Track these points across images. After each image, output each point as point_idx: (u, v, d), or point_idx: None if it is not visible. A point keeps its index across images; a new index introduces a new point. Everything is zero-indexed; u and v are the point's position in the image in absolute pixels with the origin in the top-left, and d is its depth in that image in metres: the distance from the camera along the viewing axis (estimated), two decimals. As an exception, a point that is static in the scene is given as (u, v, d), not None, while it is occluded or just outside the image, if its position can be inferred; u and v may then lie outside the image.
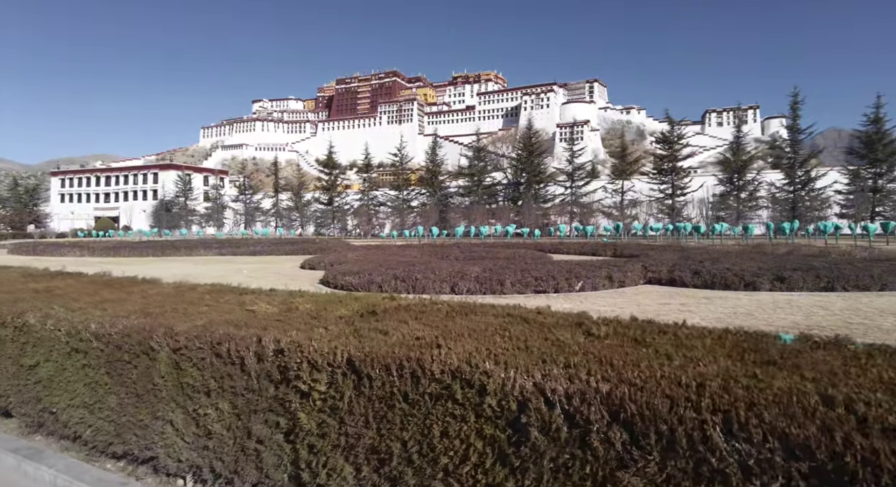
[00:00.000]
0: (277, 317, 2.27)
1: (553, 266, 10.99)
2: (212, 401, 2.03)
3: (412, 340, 1.70)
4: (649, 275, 10.51)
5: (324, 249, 23.39)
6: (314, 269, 14.84)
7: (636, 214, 48.95)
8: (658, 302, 8.07)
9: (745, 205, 44.73)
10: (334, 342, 1.78)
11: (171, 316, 2.47)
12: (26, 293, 3.41)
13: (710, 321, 6.13)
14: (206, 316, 2.40)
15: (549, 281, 9.42)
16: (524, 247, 20.16)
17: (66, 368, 2.59)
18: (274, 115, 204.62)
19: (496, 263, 12.29)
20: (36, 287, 3.67)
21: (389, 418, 1.53)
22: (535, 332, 1.75)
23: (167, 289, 3.44)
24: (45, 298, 3.16)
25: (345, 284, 10.14)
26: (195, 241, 30.34)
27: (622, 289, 9.75)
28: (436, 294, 9.31)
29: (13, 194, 67.35)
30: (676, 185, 47.85)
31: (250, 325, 2.14)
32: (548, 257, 16.25)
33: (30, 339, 2.76)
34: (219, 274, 10.91)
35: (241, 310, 2.52)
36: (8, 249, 26.43)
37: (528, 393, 1.27)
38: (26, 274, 4.62)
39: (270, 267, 15.97)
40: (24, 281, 3.98)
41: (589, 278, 9.69)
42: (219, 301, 2.85)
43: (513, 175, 55.86)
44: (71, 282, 3.90)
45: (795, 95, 42.45)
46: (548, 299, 8.54)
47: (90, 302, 2.98)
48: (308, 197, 63.77)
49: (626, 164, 50.82)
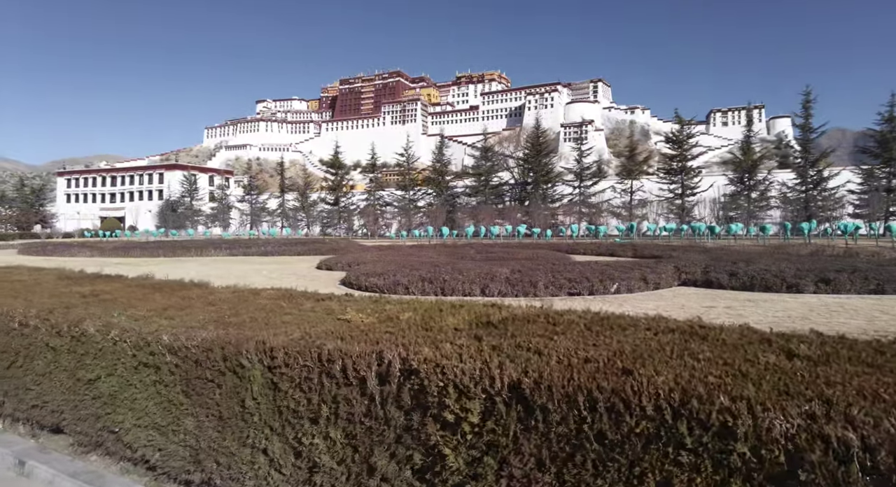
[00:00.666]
0: (386, 329, 1.99)
1: (583, 267, 10.68)
2: (320, 429, 1.75)
3: (580, 362, 1.42)
4: (683, 277, 10.21)
5: (336, 250, 23.13)
6: (332, 270, 14.58)
7: (645, 214, 48.54)
8: (701, 304, 7.78)
9: (755, 205, 44.25)
10: (477, 361, 1.50)
11: (252, 326, 2.20)
12: (74, 297, 3.15)
13: (768, 325, 5.83)
14: (296, 326, 2.12)
15: (583, 283, 9.12)
16: (540, 248, 19.84)
17: (132, 384, 2.32)
18: (278, 116, 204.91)
19: (522, 264, 11.99)
20: (80, 291, 3.40)
21: (577, 462, 1.25)
22: (730, 352, 1.46)
23: (225, 294, 3.17)
24: (98, 304, 2.90)
25: (369, 286, 9.87)
26: (204, 242, 30.14)
27: (658, 291, 9.45)
28: (464, 295, 9.03)
29: (20, 194, 67.40)
30: (686, 185, 47.42)
31: (356, 338, 1.86)
32: (568, 258, 15.94)
33: (89, 351, 2.49)
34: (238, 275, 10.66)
35: (333, 319, 2.24)
36: (17, 249, 26.26)
37: (803, 440, 0.98)
38: (63, 276, 4.36)
39: (286, 267, 15.72)
40: (66, 285, 3.71)
41: (623, 280, 9.40)
42: (300, 308, 2.57)
43: (520, 175, 55.53)
44: (116, 286, 3.63)
45: (807, 94, 41.97)
46: (584, 301, 8.24)
47: (151, 309, 2.71)
48: (314, 197, 63.59)
49: (635, 164, 50.38)
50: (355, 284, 10.45)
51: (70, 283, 3.79)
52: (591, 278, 9.32)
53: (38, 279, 4.08)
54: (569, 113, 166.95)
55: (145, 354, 2.25)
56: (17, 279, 4.04)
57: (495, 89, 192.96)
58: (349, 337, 1.88)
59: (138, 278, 4.01)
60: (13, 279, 4.05)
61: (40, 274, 4.55)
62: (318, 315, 2.36)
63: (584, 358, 1.46)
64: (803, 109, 42.36)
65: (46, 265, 11.63)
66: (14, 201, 67.78)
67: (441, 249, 19.86)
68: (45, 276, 4.31)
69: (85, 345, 2.50)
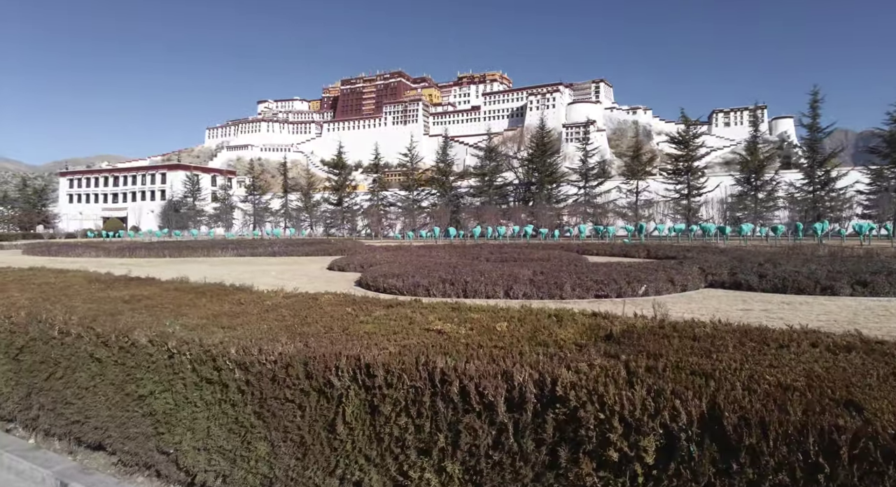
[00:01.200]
0: (493, 343, 1.73)
1: (608, 268, 10.42)
2: (432, 462, 1.49)
3: (778, 390, 1.16)
4: (710, 278, 9.95)
5: (344, 250, 22.88)
6: (344, 271, 14.33)
7: (651, 215, 48.30)
8: (736, 307, 7.52)
9: (762, 206, 43.99)
10: (640, 388, 1.25)
11: (332, 337, 1.94)
12: (115, 303, 2.90)
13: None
14: (385, 338, 1.87)
15: (610, 285, 8.86)
16: (551, 248, 19.54)
17: (191, 402, 2.07)
18: (279, 116, 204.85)
19: (542, 266, 11.74)
20: (118, 295, 3.15)
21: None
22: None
23: (278, 299, 2.92)
24: (144, 310, 2.65)
25: (387, 287, 9.62)
26: (209, 242, 29.93)
27: (686, 293, 9.19)
28: (487, 298, 8.77)
29: (22, 195, 67.21)
30: (692, 186, 47.18)
31: (466, 354, 1.61)
32: (583, 258, 15.68)
33: (140, 363, 2.24)
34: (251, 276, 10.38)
35: (420, 330, 1.99)
36: (22, 250, 26.03)
37: None
38: (92, 278, 4.10)
39: (295, 268, 15.47)
40: (101, 288, 3.46)
41: (651, 282, 9.14)
42: (371, 315, 2.31)
43: (524, 175, 55.28)
44: (154, 290, 3.38)
45: (815, 94, 41.74)
46: (614, 304, 7.99)
47: (203, 316, 2.45)
48: (317, 197, 63.40)
49: (641, 165, 50.15)
50: (372, 286, 10.22)
51: (103, 287, 3.53)
52: (618, 280, 9.07)
53: (67, 281, 3.81)
54: (571, 113, 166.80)
55: (209, 369, 2.00)
56: (44, 281, 3.79)
57: (497, 90, 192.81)
58: (456, 353, 1.63)
59: (174, 281, 3.76)
60: (39, 281, 3.79)
61: (67, 276, 4.29)
62: (400, 324, 2.11)
63: (777, 383, 1.21)
64: (811, 109, 42.11)
65: (55, 266, 11.40)
66: (16, 201, 67.60)
67: (451, 250, 19.61)
68: (72, 279, 4.05)
69: (136, 357, 2.25)
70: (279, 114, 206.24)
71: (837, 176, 40.53)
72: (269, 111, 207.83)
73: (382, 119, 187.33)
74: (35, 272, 4.70)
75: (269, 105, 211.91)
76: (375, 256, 16.57)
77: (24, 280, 3.96)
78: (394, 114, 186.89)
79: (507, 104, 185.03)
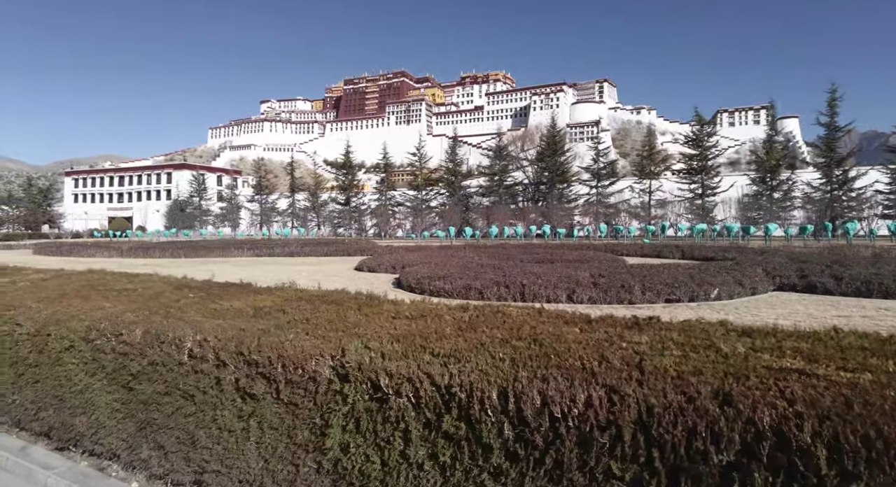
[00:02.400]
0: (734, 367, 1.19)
1: (671, 270, 9.86)
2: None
3: None
4: (777, 281, 9.40)
5: (362, 250, 22.36)
6: (375, 272, 13.81)
7: (665, 214, 47.74)
8: (830, 314, 6.96)
9: (778, 205, 43.38)
10: None
11: (569, 363, 1.39)
12: (244, 318, 2.34)
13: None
14: (627, 363, 1.33)
15: (681, 288, 8.31)
16: (578, 249, 18.97)
17: (419, 465, 1.47)
18: (282, 116, 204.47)
19: (591, 267, 11.18)
20: (236, 306, 2.60)
21: None
22: None
23: (405, 308, 2.37)
24: (290, 327, 2.11)
25: (434, 290, 9.07)
26: (222, 242, 29.40)
27: (758, 297, 8.65)
28: (547, 302, 8.20)
29: (27, 194, 66.74)
30: (706, 185, 46.61)
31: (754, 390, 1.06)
32: (622, 260, 15.14)
33: (324, 403, 1.67)
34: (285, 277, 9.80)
35: (656, 353, 1.44)
36: (32, 250, 25.52)
37: None
38: (181, 285, 3.55)
39: (323, 269, 14.92)
40: (203, 298, 2.90)
41: (723, 284, 8.59)
42: (591, 333, 1.77)
43: (535, 174, 54.73)
44: (274, 299, 2.83)
45: (833, 91, 41.15)
46: (691, 310, 7.43)
47: (378, 334, 1.90)
48: (325, 197, 62.93)
49: (654, 163, 49.58)
50: (416, 288, 9.70)
51: (203, 295, 2.97)
52: (687, 283, 8.51)
53: (152, 288, 3.27)
54: (574, 113, 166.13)
55: (452, 420, 1.43)
56: (124, 288, 3.25)
57: (500, 89, 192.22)
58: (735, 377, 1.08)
59: (281, 288, 3.21)
60: (119, 288, 3.26)
61: (145, 281, 3.74)
62: (594, 333, 1.55)
63: None
64: (828, 108, 41.51)
65: (79, 266, 10.86)
66: (21, 201, 67.15)
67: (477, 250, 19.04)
68: (155, 285, 3.50)
69: (316, 396, 1.70)
70: (282, 114, 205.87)
71: (857, 175, 39.93)
72: (272, 111, 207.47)
73: (385, 119, 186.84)
74: (102, 276, 4.15)
75: (272, 105, 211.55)
76: (403, 257, 16.03)
77: (96, 285, 3.42)
78: (397, 114, 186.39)
79: (511, 104, 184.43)
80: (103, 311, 2.51)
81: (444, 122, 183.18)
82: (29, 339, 2.40)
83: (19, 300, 2.95)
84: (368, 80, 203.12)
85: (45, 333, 2.34)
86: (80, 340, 2.20)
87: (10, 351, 2.50)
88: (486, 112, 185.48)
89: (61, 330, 2.25)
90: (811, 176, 42.54)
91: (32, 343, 2.38)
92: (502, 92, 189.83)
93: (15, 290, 3.53)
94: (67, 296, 2.88)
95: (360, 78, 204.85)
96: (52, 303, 2.69)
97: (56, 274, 4.46)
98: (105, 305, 2.64)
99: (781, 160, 44.15)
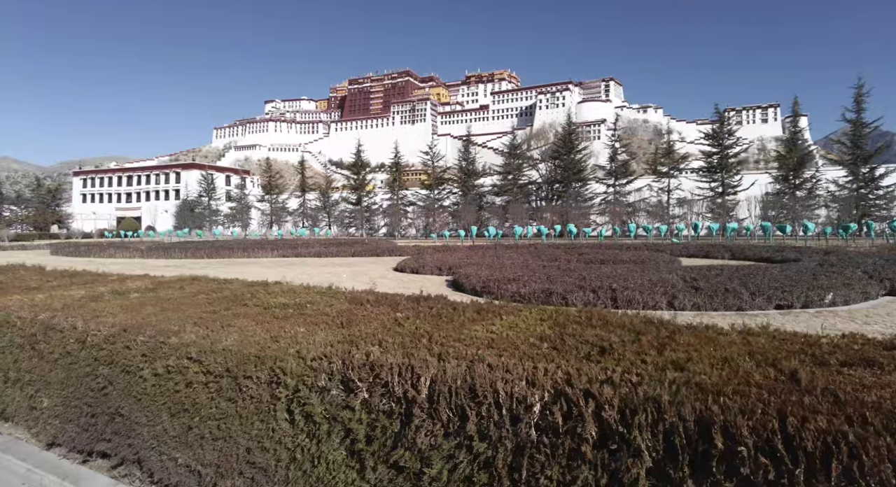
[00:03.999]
0: None
1: (762, 273, 9.06)
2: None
3: None
4: (888, 284, 8.59)
5: (389, 250, 21.69)
6: (418, 273, 13.07)
7: (684, 214, 46.95)
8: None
9: (801, 204, 42.51)
10: None
11: None
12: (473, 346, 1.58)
13: None
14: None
15: (792, 292, 7.51)
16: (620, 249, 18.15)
17: None
18: (286, 116, 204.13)
19: (659, 267, 10.42)
20: (508, 332, 1.83)
21: None
22: None
23: (534, 316, 1.62)
24: (488, 347, 1.36)
25: (507, 294, 8.29)
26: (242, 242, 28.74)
27: (872, 302, 7.86)
28: (644, 308, 7.40)
29: (36, 194, 66.32)
30: (727, 183, 45.78)
31: None
32: (677, 260, 14.35)
33: None
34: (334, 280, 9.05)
35: None
36: (50, 250, 24.88)
37: None
38: (356, 299, 2.77)
39: (359, 270, 14.17)
40: (439, 321, 2.07)
41: (834, 288, 7.80)
42: None
43: (549, 172, 53.93)
44: (373, 310, 2.06)
45: (860, 87, 40.31)
46: (814, 317, 6.65)
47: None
48: (336, 197, 62.34)
49: (672, 162, 48.78)
50: (484, 292, 8.90)
51: (433, 315, 2.16)
52: (799, 286, 7.72)
53: (313, 300, 2.51)
54: (581, 112, 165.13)
55: None
56: (279, 302, 2.48)
57: (505, 88, 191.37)
58: None
59: (386, 294, 2.48)
60: (272, 302, 2.48)
61: (295, 293, 2.95)
62: None
63: None
64: (854, 104, 40.66)
65: (112, 268, 10.15)
66: (30, 202, 66.73)
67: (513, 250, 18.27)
68: (310, 295, 2.73)
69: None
70: (286, 113, 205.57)
71: (886, 172, 39.03)
72: (277, 111, 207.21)
73: (390, 118, 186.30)
74: (219, 285, 3.38)
75: (277, 105, 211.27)
76: (445, 257, 15.28)
77: (236, 298, 2.66)
78: (402, 113, 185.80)
79: (516, 103, 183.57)
80: (316, 340, 1.70)
81: (449, 122, 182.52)
82: (214, 382, 1.64)
83: (162, 322, 2.19)
84: (373, 80, 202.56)
85: (241, 374, 1.58)
86: (304, 387, 1.44)
87: (175, 394, 1.75)
88: (492, 111, 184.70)
89: (263, 370, 1.50)
90: (837, 173, 41.63)
91: (219, 386, 1.62)
92: (507, 91, 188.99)
93: (128, 304, 2.78)
94: (220, 314, 2.13)
95: (365, 77, 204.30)
96: (210, 325, 1.94)
97: (155, 282, 3.71)
98: (297, 330, 1.85)
99: (805, 157, 43.30)
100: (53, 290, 3.89)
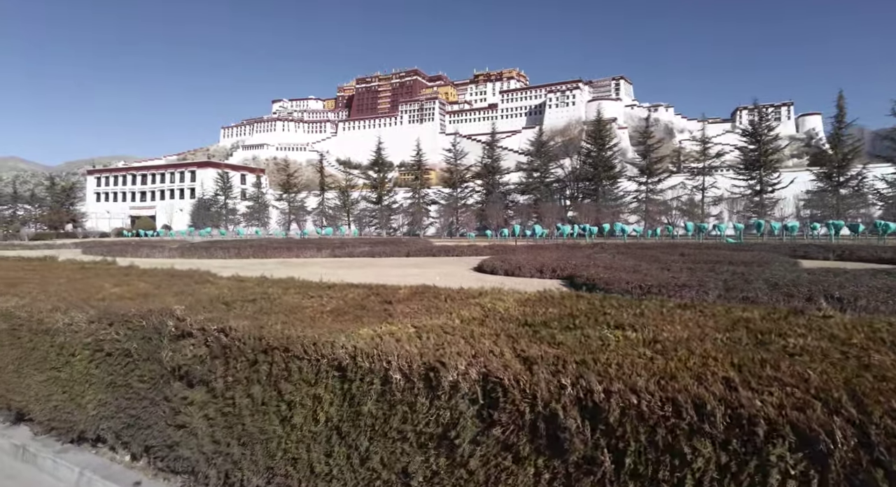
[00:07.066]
0: None
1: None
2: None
3: None
4: None
5: (449, 250, 20.36)
6: (513, 275, 11.73)
7: (719, 212, 45.56)
8: None
9: (845, 202, 40.97)
10: None
11: None
12: None
13: None
14: None
15: None
16: (707, 248, 16.76)
17: None
18: (294, 115, 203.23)
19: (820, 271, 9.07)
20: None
21: None
22: None
23: None
24: None
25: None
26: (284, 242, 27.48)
27: None
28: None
29: (50, 193, 65.44)
30: (765, 181, 44.25)
31: None
32: (799, 263, 13.02)
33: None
34: (424, 280, 7.67)
35: None
36: (81, 249, 23.65)
37: None
38: None
39: (439, 271, 12.73)
40: None
41: None
42: None
43: (578, 169, 52.53)
44: None
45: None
46: None
47: None
48: (355, 195, 61.22)
49: (708, 158, 47.37)
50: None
51: None
52: None
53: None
54: (591, 111, 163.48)
55: None
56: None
57: (514, 87, 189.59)
58: None
59: None
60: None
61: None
62: None
63: None
64: (899, 100, 38.98)
65: (186, 268, 8.87)
66: (44, 201, 65.87)
67: (588, 249, 16.89)
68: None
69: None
70: (294, 113, 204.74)
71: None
72: (284, 110, 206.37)
73: (398, 118, 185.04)
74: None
75: (284, 104, 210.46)
76: (538, 258, 14.02)
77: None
78: (409, 112, 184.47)
79: (525, 102, 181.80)
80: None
81: (457, 121, 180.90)
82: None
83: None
84: (381, 79, 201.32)
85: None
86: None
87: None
88: (500, 110, 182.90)
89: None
90: (886, 170, 40.03)
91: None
92: (516, 90, 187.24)
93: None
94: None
95: (373, 77, 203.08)
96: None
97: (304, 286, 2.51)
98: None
99: (850, 153, 41.71)
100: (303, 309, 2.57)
